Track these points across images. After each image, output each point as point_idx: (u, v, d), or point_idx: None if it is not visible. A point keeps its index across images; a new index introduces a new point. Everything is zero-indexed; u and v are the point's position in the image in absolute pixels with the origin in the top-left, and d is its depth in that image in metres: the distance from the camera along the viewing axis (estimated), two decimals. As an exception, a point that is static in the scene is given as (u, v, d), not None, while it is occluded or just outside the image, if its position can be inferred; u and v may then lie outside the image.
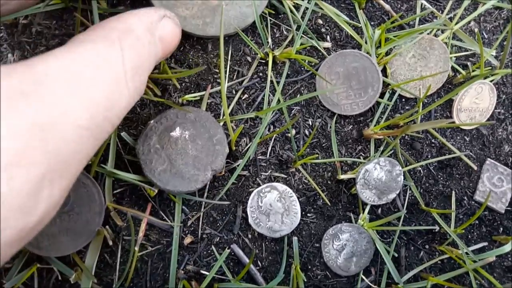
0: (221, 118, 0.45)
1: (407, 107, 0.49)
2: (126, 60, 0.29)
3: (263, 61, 0.46)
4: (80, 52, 0.27)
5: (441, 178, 0.49)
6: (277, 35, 0.47)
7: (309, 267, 0.46)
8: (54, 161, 0.23)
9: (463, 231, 0.46)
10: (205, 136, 0.43)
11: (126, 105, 0.29)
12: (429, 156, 0.49)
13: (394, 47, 0.48)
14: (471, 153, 0.50)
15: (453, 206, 0.48)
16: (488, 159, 0.50)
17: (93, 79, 0.26)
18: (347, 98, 0.47)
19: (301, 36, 0.46)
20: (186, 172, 0.42)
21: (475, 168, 0.47)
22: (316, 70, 0.47)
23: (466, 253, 0.45)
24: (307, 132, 0.47)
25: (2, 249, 0.21)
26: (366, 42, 0.46)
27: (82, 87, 0.25)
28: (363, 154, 0.48)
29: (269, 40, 0.46)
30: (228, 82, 0.46)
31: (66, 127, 0.24)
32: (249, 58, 0.46)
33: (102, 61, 0.27)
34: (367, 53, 0.47)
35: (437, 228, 0.47)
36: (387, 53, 0.48)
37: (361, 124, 0.48)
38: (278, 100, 0.45)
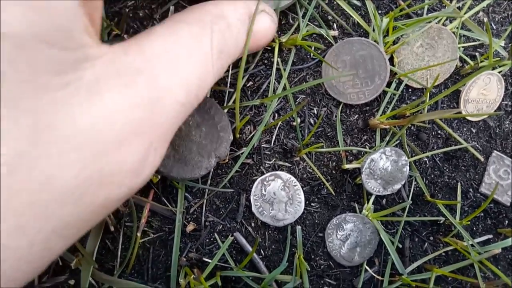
0: (225, 104, 0.44)
1: (413, 97, 0.49)
2: (214, 42, 0.31)
3: (269, 48, 0.45)
4: (177, 33, 0.29)
5: (447, 170, 0.49)
6: (283, 22, 0.46)
7: (313, 256, 0.46)
8: (159, 132, 0.26)
9: (469, 222, 0.46)
10: (209, 123, 0.43)
11: (210, 83, 0.31)
12: (435, 147, 0.49)
13: (401, 36, 0.47)
14: (477, 145, 0.50)
15: (459, 198, 0.47)
16: (495, 151, 0.50)
17: (188, 60, 0.29)
18: (353, 87, 0.46)
19: (307, 24, 0.45)
20: (190, 158, 0.42)
21: (482, 159, 0.47)
22: (323, 58, 0.46)
23: (472, 245, 0.45)
24: (312, 121, 0.47)
25: (115, 205, 0.25)
26: (373, 30, 0.46)
27: (180, 67, 0.28)
28: (368, 144, 0.48)
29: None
30: (232, 69, 0.46)
31: (169, 102, 0.27)
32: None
33: (195, 43, 0.30)
34: (375, 41, 0.46)
35: (442, 219, 0.47)
36: (394, 42, 0.48)
37: (367, 114, 0.48)
38: (284, 88, 0.45)
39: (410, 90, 0.49)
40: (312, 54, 0.47)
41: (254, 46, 0.37)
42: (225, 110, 0.44)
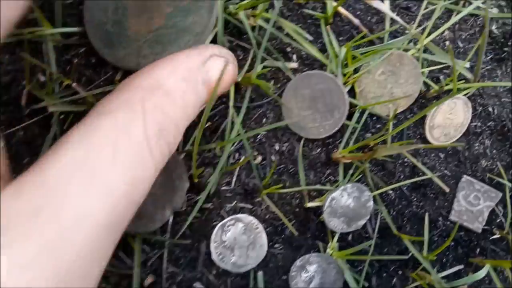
0: (180, 150, 0.43)
1: (378, 125, 0.47)
2: (149, 124, 0.27)
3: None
4: (95, 133, 0.25)
5: (415, 199, 0.47)
6: (240, 57, 0.44)
7: (278, 300, 0.45)
8: (65, 276, 0.22)
9: (435, 258, 0.45)
10: (164, 172, 0.41)
11: (150, 176, 0.27)
12: (401, 177, 0.47)
13: (362, 64, 0.45)
14: (446, 171, 0.48)
15: (426, 230, 0.46)
16: (464, 176, 0.48)
17: (111, 165, 0.24)
18: (313, 122, 0.44)
19: (264, 58, 0.43)
20: (144, 211, 0.40)
21: (447, 189, 0.45)
22: (282, 92, 0.44)
23: (439, 281, 0.43)
24: (274, 158, 0.45)
25: None
26: (331, 62, 0.43)
27: (98, 181, 0.23)
28: (332, 178, 0.46)
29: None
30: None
31: (84, 232, 0.22)
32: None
33: (121, 135, 0.25)
34: (333, 73, 0.44)
35: (405, 257, 0.45)
36: (356, 71, 0.45)
37: (330, 147, 0.46)
38: (240, 129, 0.43)
39: (374, 118, 0.47)
40: (271, 89, 0.45)
41: (215, 94, 0.33)
42: (181, 156, 0.42)
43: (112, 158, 0.24)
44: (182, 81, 0.30)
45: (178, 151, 0.42)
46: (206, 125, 0.43)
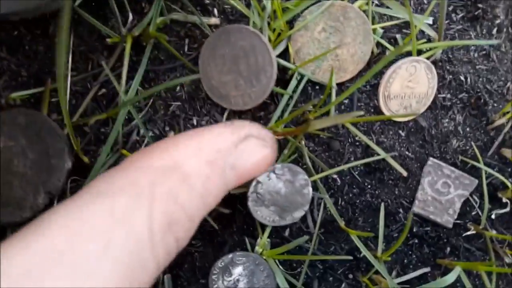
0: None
1: (322, 96, 0.38)
2: (156, 215, 0.21)
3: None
4: (86, 219, 0.20)
5: (369, 186, 0.38)
6: (145, 10, 0.36)
7: (194, 310, 0.36)
8: None
9: (389, 258, 0.35)
10: (39, 148, 0.33)
11: (149, 278, 0.21)
12: (352, 158, 0.38)
13: (296, 19, 0.37)
14: (408, 152, 0.39)
15: (381, 223, 0.37)
16: (431, 158, 0.39)
17: (99, 261, 0.19)
18: (236, 89, 0.36)
19: (176, 10, 0.35)
20: (10, 196, 0.32)
21: (405, 173, 0.36)
22: (198, 53, 0.36)
23: (395, 287, 0.34)
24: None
25: None
26: (254, 13, 0.35)
27: (80, 279, 0.18)
28: (265, 160, 0.37)
29: (130, 16, 0.35)
30: (81, 74, 0.36)
31: None
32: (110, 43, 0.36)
33: (118, 226, 0.20)
34: (260, 28, 0.36)
35: (350, 257, 0.36)
36: (291, 27, 0.37)
37: (261, 121, 0.38)
38: (139, 92, 0.35)
39: (317, 87, 0.38)
40: (187, 49, 0.37)
41: (244, 179, 0.28)
42: (65, 131, 0.34)
43: (102, 253, 0.19)
44: (207, 165, 0.24)
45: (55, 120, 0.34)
46: (101, 92, 0.35)
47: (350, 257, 0.36)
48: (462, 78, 0.40)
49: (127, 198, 0.21)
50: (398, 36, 0.39)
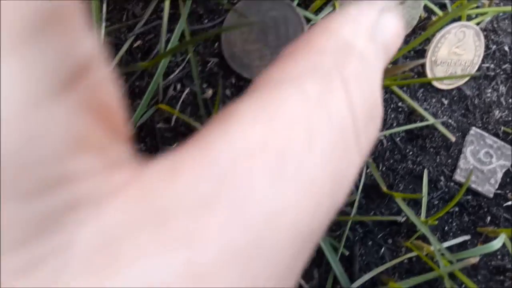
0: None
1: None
2: (356, 102, 0.17)
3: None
4: (278, 108, 0.15)
5: (410, 153, 0.38)
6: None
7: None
8: None
9: (436, 222, 0.35)
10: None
11: (354, 173, 0.18)
12: (394, 124, 0.38)
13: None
14: (450, 120, 0.39)
15: (425, 189, 0.36)
16: (473, 128, 0.39)
17: (307, 152, 0.15)
18: (261, 59, 0.35)
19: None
20: None
21: (453, 139, 0.36)
22: (223, 20, 0.35)
23: (442, 252, 0.34)
24: (229, 93, 0.36)
25: None
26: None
27: (294, 172, 0.14)
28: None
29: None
30: (116, 24, 0.35)
31: (276, 235, 0.14)
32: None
33: (315, 113, 0.16)
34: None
35: (400, 218, 0.36)
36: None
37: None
38: (176, 47, 0.34)
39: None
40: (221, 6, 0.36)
41: (388, 61, 0.24)
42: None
43: (307, 143, 0.15)
44: (370, 42, 0.21)
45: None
46: (136, 44, 0.34)
47: (396, 218, 0.35)
48: (506, 48, 0.40)
49: (313, 84, 0.17)
50: (447, 1, 0.38)
